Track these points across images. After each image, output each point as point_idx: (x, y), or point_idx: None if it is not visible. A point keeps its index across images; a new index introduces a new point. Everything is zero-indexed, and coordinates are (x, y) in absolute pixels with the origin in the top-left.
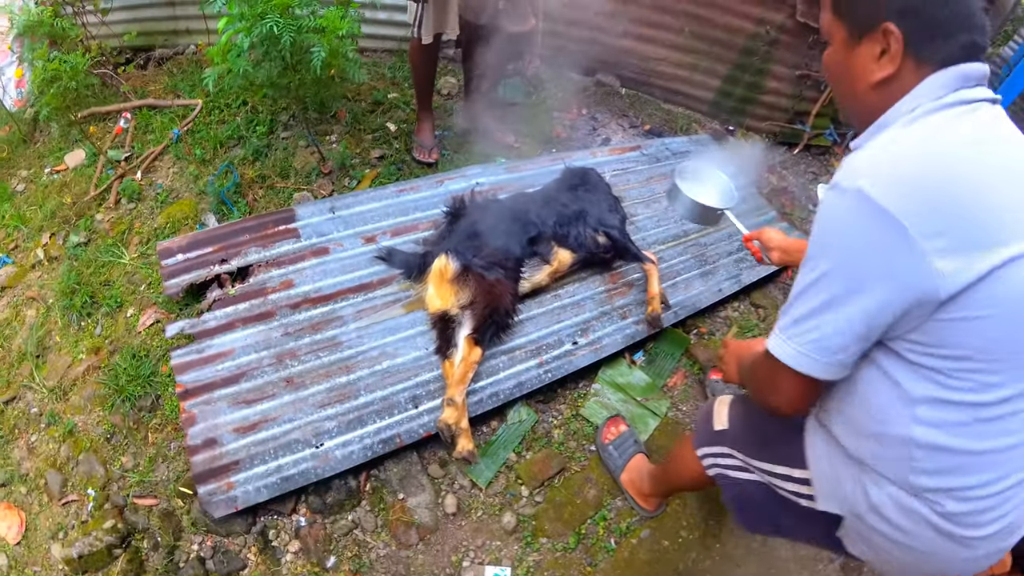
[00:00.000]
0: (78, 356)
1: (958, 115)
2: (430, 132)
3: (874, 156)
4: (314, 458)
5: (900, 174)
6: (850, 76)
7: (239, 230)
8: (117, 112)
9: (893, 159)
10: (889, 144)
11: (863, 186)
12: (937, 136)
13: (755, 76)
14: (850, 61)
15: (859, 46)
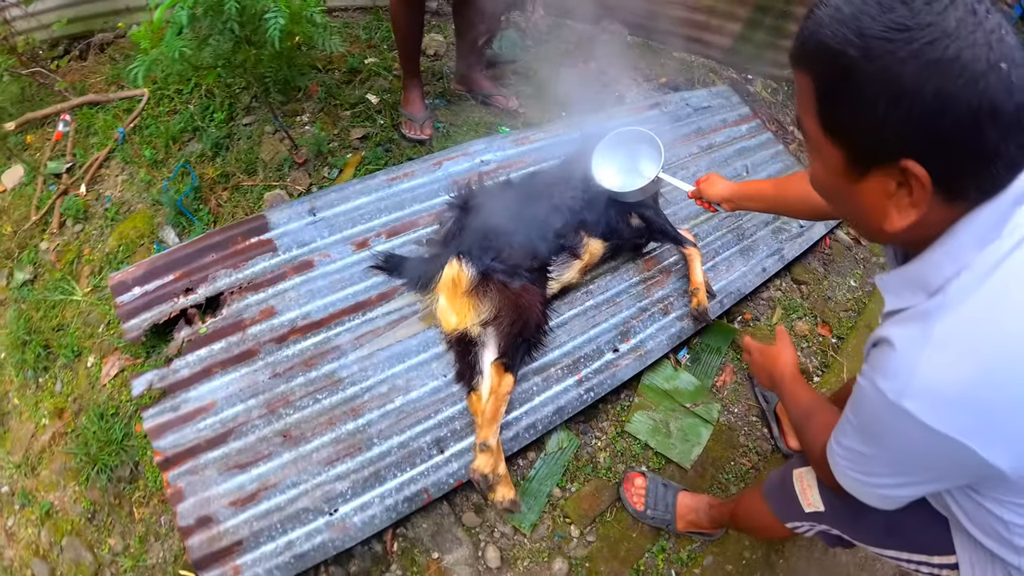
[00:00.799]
0: (41, 422)
1: None
2: (420, 102)
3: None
4: (329, 528)
5: (958, 391)
6: (853, 207)
7: (203, 249)
8: (56, 115)
9: (945, 367)
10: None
11: (911, 409)
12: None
13: (777, 19)
14: (850, 193)
15: (863, 179)
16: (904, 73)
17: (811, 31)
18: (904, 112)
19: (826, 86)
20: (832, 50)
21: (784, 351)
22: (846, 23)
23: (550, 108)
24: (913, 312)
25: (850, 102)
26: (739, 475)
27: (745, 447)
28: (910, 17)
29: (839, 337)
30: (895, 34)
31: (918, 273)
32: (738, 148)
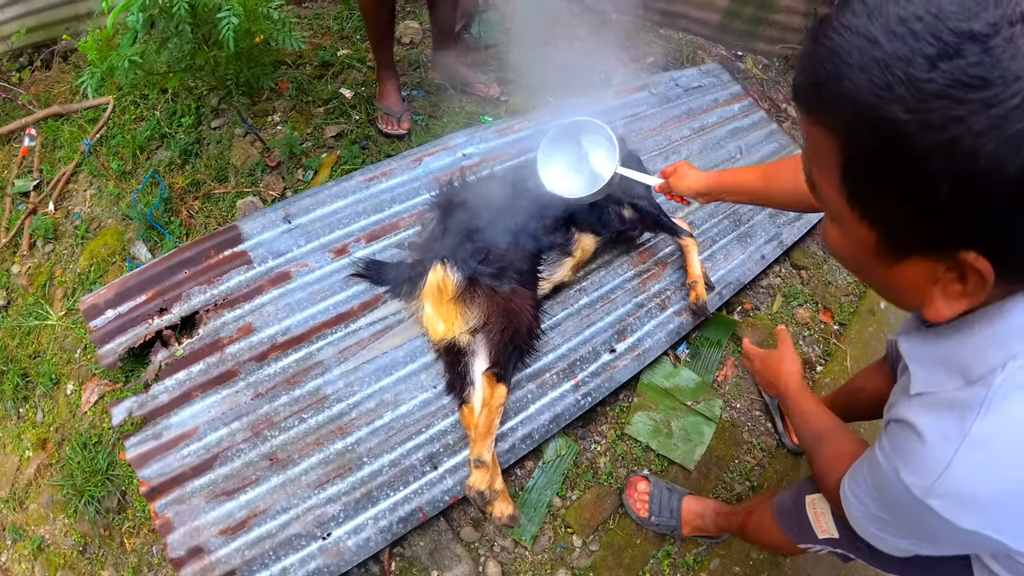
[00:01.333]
0: (24, 454)
1: None
2: (396, 95)
3: (952, 463)
4: (323, 553)
5: (993, 493)
6: (882, 283)
7: (175, 265)
8: (20, 129)
9: (981, 470)
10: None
11: (938, 508)
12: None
13: None
14: (882, 271)
15: (902, 262)
16: (982, 149)
17: (831, 72)
18: (974, 198)
19: (858, 154)
20: (869, 108)
21: (786, 359)
22: (890, 68)
23: (534, 94)
24: (946, 399)
25: (895, 180)
26: (744, 473)
27: (749, 443)
28: (990, 66)
29: (841, 324)
30: (969, 92)
31: (956, 355)
32: (731, 128)
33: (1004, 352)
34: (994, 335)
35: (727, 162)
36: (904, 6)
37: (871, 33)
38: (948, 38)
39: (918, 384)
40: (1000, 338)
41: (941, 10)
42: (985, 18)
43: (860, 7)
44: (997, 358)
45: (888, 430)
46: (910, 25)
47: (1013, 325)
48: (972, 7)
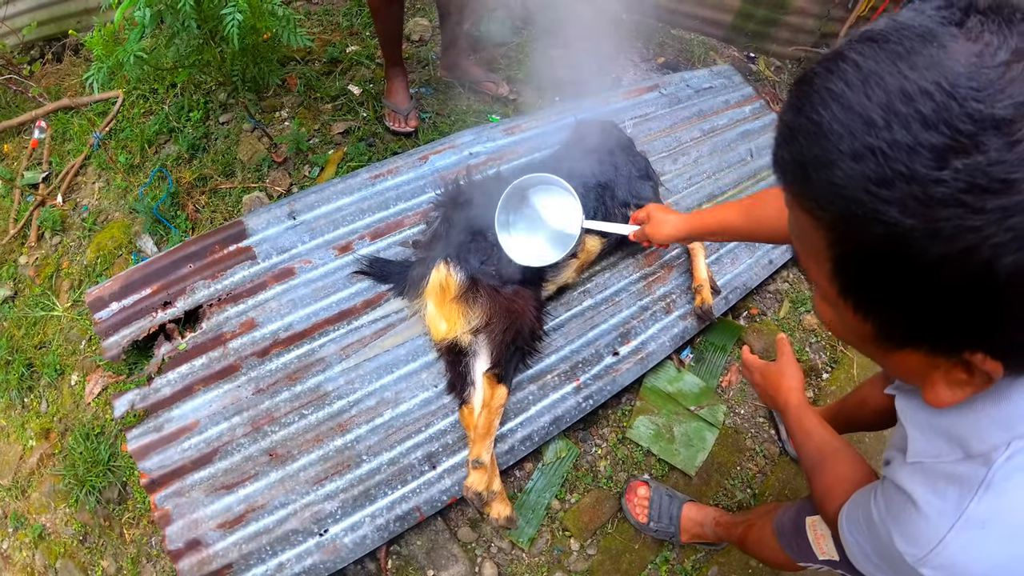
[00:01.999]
0: (28, 444)
1: None
2: (404, 92)
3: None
4: (320, 549)
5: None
6: (880, 362)
7: (180, 259)
8: (31, 121)
9: (977, 548)
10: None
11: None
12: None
13: None
14: (880, 355)
15: (901, 351)
16: (1000, 261)
17: (818, 157)
18: (988, 308)
19: (851, 252)
20: (864, 205)
21: (787, 373)
22: (889, 161)
23: (543, 93)
24: (944, 471)
25: (895, 285)
26: (746, 480)
27: (752, 450)
28: (1015, 163)
29: None
30: (988, 199)
31: (956, 428)
32: (741, 131)
33: (1008, 433)
34: (999, 416)
35: (737, 165)
36: (908, 75)
37: (866, 111)
38: (964, 126)
39: (916, 451)
40: (1005, 419)
41: (955, 85)
42: (1013, 95)
43: (853, 72)
44: (1000, 438)
45: (885, 488)
46: (916, 104)
47: (1020, 407)
48: (995, 79)
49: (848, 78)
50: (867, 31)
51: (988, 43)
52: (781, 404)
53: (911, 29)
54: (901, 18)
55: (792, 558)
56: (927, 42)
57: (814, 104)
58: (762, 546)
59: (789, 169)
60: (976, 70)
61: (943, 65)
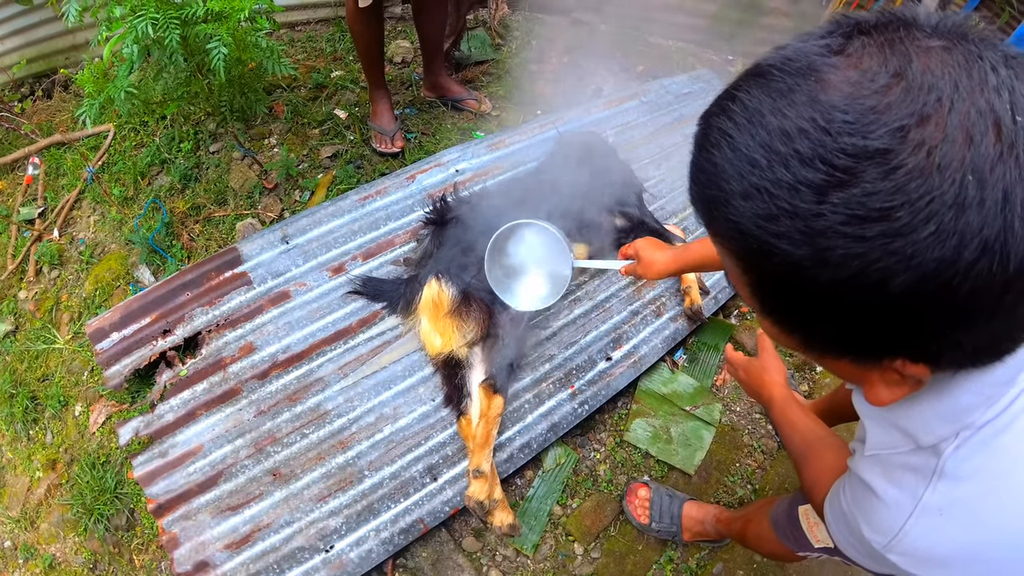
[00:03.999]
0: (35, 475)
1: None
2: (389, 114)
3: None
4: (326, 565)
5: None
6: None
7: (177, 288)
8: (24, 158)
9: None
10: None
11: (898, 563)
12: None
13: None
14: (818, 360)
15: (832, 360)
16: (892, 281)
17: (715, 196)
18: (891, 320)
19: (758, 277)
20: (758, 239)
21: (769, 367)
22: (774, 199)
23: (525, 108)
24: (900, 462)
25: (803, 307)
26: (745, 476)
27: (750, 447)
28: (892, 192)
29: None
30: (867, 228)
31: (903, 422)
32: None
33: (954, 425)
34: (942, 410)
35: None
36: (787, 113)
37: (750, 152)
38: (839, 161)
39: (872, 442)
40: (949, 413)
41: (830, 120)
42: (888, 123)
43: (740, 112)
44: (947, 430)
45: (850, 479)
46: (794, 143)
47: (961, 401)
48: (871, 111)
49: (736, 118)
50: (757, 66)
51: (867, 69)
52: (765, 398)
53: (792, 64)
54: (787, 51)
55: (791, 549)
56: (806, 77)
57: (709, 144)
58: (761, 540)
59: (696, 205)
60: (851, 101)
61: (819, 100)
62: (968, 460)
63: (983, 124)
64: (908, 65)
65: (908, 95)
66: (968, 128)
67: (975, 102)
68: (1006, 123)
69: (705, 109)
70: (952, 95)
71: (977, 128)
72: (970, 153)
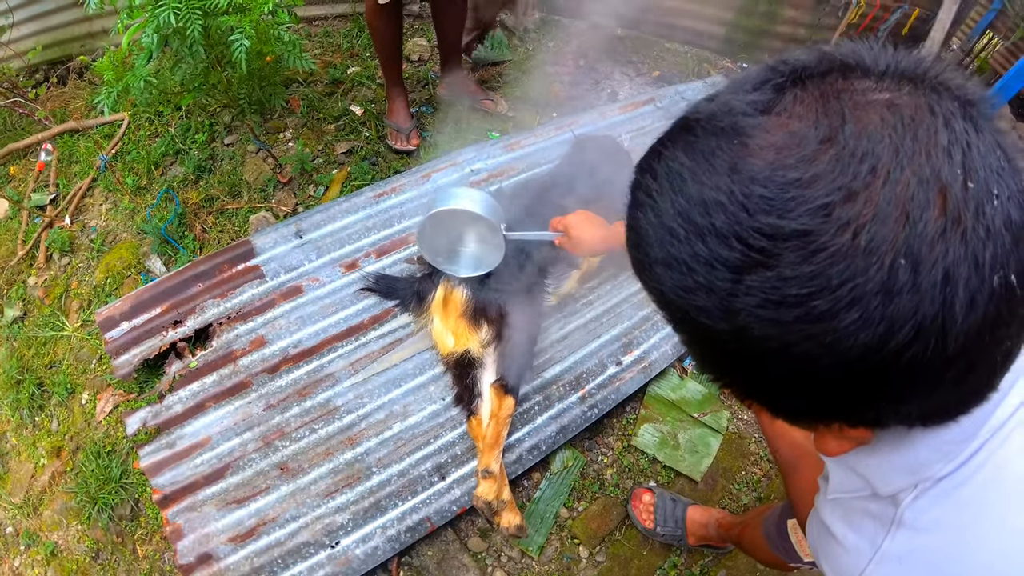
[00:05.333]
0: (39, 462)
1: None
2: (405, 111)
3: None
4: (332, 561)
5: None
6: None
7: (189, 279)
8: (37, 144)
9: None
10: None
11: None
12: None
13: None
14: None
15: None
16: (818, 363)
17: (639, 258)
18: (819, 393)
19: (687, 339)
20: (679, 308)
21: None
22: (692, 272)
23: (541, 110)
24: (859, 507)
25: (729, 372)
26: (751, 484)
27: (756, 455)
28: (810, 277)
29: None
30: (788, 312)
31: (861, 468)
32: None
33: (912, 478)
34: (899, 462)
35: None
36: (706, 182)
37: (669, 221)
38: (755, 241)
39: (834, 485)
40: (906, 466)
41: (748, 194)
42: (810, 200)
43: (664, 174)
44: (904, 482)
45: (816, 518)
46: (711, 217)
47: (919, 456)
48: (792, 185)
49: (660, 181)
50: (684, 119)
51: (794, 131)
52: (755, 407)
53: (716, 122)
54: (714, 105)
55: (783, 559)
56: (729, 139)
57: (636, 204)
58: (755, 548)
59: (632, 262)
60: (772, 173)
61: (739, 170)
62: (927, 512)
63: (924, 196)
64: (841, 127)
65: (837, 165)
66: (905, 203)
67: (918, 169)
68: (954, 192)
69: (639, 159)
70: (890, 163)
71: (916, 202)
72: (904, 232)
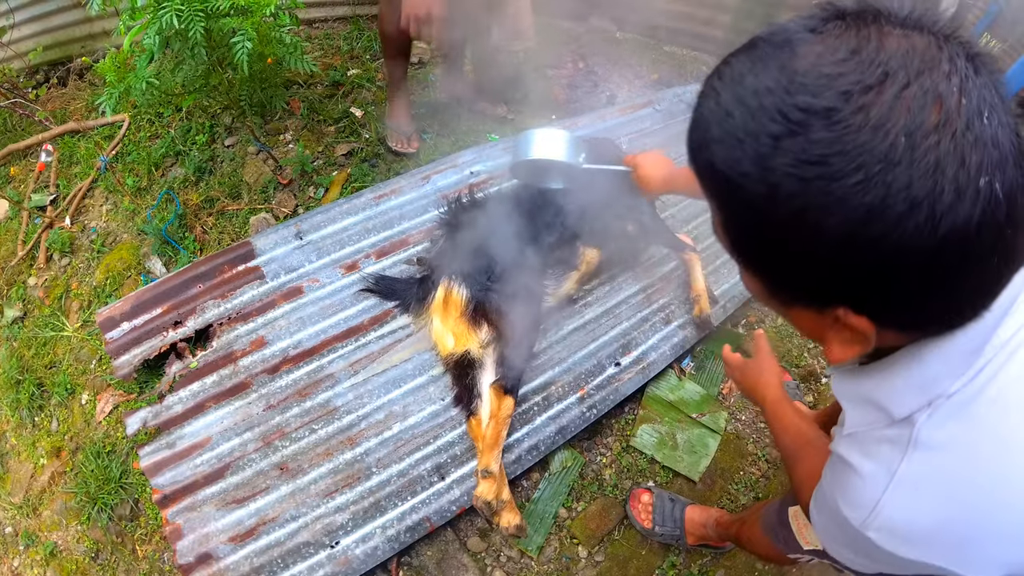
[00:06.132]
0: (39, 462)
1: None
2: (406, 114)
3: (882, 501)
4: (331, 561)
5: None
6: (790, 321)
7: (189, 280)
8: (37, 145)
9: (912, 508)
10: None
11: (876, 540)
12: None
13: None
14: (784, 313)
15: (793, 308)
16: (829, 224)
17: (698, 140)
18: (831, 265)
19: (728, 215)
20: (727, 180)
21: (765, 368)
22: (742, 144)
23: (540, 112)
24: (875, 437)
25: (760, 243)
26: (749, 484)
27: (754, 455)
28: (831, 142)
29: None
30: (811, 169)
31: (877, 395)
32: None
33: (925, 396)
34: (913, 380)
35: None
36: (759, 76)
37: (728, 105)
38: (793, 115)
39: (851, 422)
40: (919, 382)
41: (792, 83)
42: (837, 88)
43: (727, 73)
44: (920, 400)
45: (831, 461)
46: (761, 99)
47: (930, 370)
48: (825, 77)
49: (724, 78)
50: (751, 39)
51: (830, 45)
52: (759, 398)
53: (775, 37)
54: (774, 27)
55: (781, 551)
56: (782, 48)
57: (702, 97)
58: (754, 541)
59: (689, 151)
60: (811, 69)
61: (787, 67)
62: (941, 428)
63: (923, 99)
64: (866, 44)
65: (859, 67)
66: (908, 100)
67: (921, 82)
68: (949, 104)
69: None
70: (899, 72)
71: (916, 101)
72: (904, 119)
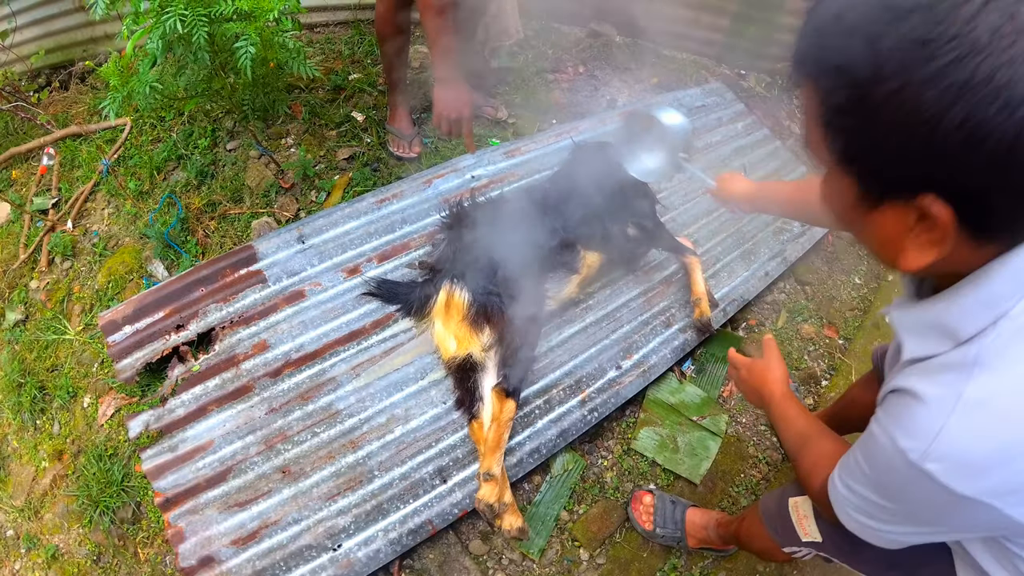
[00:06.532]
0: (41, 465)
1: None
2: (407, 118)
3: (946, 425)
4: (334, 564)
5: (989, 455)
6: (866, 236)
7: (192, 283)
8: (39, 148)
9: (976, 431)
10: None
11: (934, 472)
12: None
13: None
14: (864, 222)
15: (877, 209)
16: (924, 99)
17: (811, 38)
18: (923, 144)
19: (832, 107)
20: (835, 66)
21: (773, 366)
22: (851, 33)
23: (540, 117)
24: (940, 363)
25: (859, 129)
26: (750, 487)
27: (755, 458)
28: (931, 28)
29: (846, 338)
30: (912, 50)
31: (944, 318)
32: (735, 147)
33: (993, 312)
34: (981, 297)
35: None
36: None
37: (839, 7)
38: (898, 7)
39: (909, 351)
40: (988, 299)
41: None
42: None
43: None
44: (987, 318)
45: (883, 403)
46: None
47: (1000, 286)
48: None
49: None
50: None
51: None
52: (767, 396)
53: None
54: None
55: (777, 543)
56: None
57: (811, 10)
58: (752, 536)
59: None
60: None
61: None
62: (1008, 347)
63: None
64: None
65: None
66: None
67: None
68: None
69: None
70: None
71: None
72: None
